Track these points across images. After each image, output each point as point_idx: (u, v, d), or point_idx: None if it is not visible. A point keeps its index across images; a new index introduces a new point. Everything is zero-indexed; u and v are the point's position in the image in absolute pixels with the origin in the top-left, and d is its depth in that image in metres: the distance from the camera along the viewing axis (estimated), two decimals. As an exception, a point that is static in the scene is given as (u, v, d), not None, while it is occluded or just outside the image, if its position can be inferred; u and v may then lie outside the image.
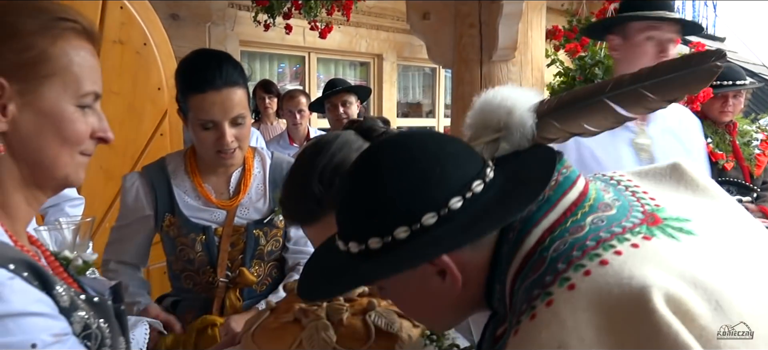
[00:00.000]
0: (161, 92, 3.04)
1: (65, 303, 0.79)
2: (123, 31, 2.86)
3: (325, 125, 4.79)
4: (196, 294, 1.75)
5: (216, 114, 1.58)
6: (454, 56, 2.77)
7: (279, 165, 1.82)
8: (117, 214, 1.81)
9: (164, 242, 1.78)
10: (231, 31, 5.13)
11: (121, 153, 2.90)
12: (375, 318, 0.98)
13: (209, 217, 1.72)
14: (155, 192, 1.72)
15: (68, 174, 0.88)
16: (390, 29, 6.37)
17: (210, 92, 1.57)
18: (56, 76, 0.84)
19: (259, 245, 1.75)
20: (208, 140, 1.62)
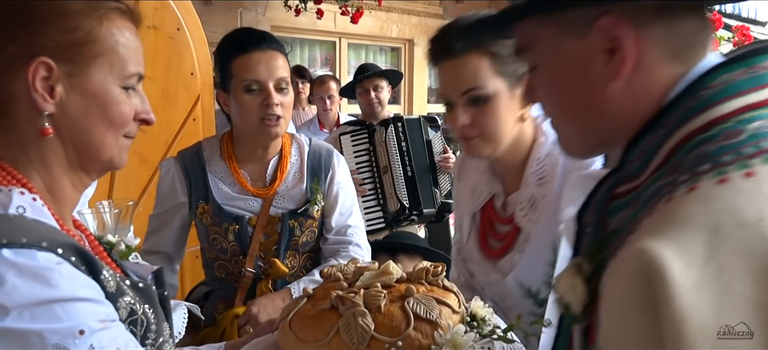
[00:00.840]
0: (194, 77, 3.05)
1: (112, 288, 0.79)
2: (157, 16, 2.87)
3: (356, 111, 4.78)
4: (228, 283, 1.73)
5: (261, 73, 1.58)
6: (488, 40, 2.72)
7: (318, 153, 1.78)
8: (150, 199, 1.81)
9: (198, 230, 1.76)
10: (262, 16, 5.14)
11: (155, 138, 2.92)
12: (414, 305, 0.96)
13: (244, 205, 1.69)
14: (190, 178, 1.71)
15: (113, 156, 0.87)
16: (421, 14, 6.31)
17: (254, 52, 1.58)
18: (103, 57, 0.83)
19: (294, 236, 1.71)
20: (252, 104, 1.59)
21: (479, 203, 1.45)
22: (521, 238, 1.33)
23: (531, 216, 1.30)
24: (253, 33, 1.64)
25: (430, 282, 1.05)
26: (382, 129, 3.26)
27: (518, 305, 1.34)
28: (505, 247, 1.35)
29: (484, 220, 1.44)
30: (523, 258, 1.30)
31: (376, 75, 3.43)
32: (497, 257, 1.37)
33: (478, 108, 1.28)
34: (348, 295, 0.96)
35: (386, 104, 3.48)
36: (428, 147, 3.36)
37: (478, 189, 1.46)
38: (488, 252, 1.40)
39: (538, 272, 1.28)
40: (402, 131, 3.27)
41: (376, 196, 3.26)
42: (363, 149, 3.30)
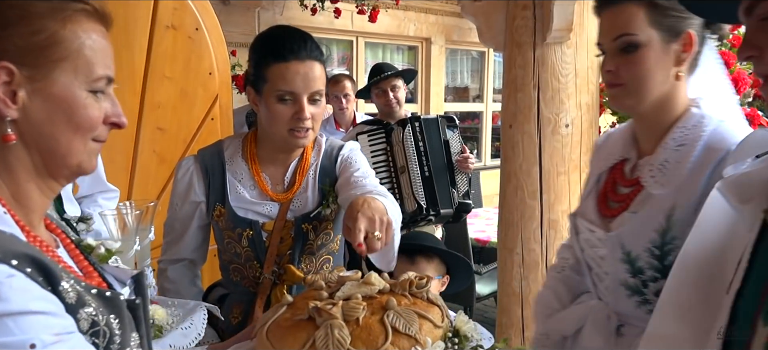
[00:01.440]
0: (212, 77, 3.06)
1: (71, 299, 0.76)
2: (175, 16, 2.89)
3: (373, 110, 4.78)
4: (244, 288, 1.69)
5: (297, 85, 1.52)
6: (506, 39, 2.70)
7: (329, 152, 1.72)
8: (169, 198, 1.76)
9: (214, 231, 1.73)
10: (280, 15, 5.16)
11: (174, 137, 2.95)
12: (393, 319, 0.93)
13: (260, 210, 1.64)
14: (209, 178, 1.66)
15: (81, 162, 0.85)
16: (439, 12, 6.29)
17: (294, 62, 1.51)
18: (67, 60, 0.81)
19: (308, 240, 1.67)
20: (284, 115, 1.54)
21: (608, 164, 1.44)
22: (638, 199, 1.32)
23: (659, 179, 1.28)
24: (293, 37, 1.54)
25: (413, 294, 1.02)
26: (399, 129, 3.25)
27: (613, 271, 1.34)
28: (624, 208, 1.35)
29: (609, 181, 1.43)
30: (634, 219, 1.29)
31: (393, 75, 3.42)
32: (611, 217, 1.37)
33: (627, 56, 1.26)
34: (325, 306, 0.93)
35: (403, 103, 3.47)
36: (446, 147, 3.35)
37: (611, 151, 1.46)
38: (604, 211, 1.40)
39: (643, 237, 1.27)
40: (419, 131, 3.26)
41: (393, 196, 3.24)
42: (380, 148, 3.29)
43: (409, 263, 2.07)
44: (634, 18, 1.25)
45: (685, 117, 1.30)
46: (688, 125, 1.29)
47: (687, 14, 1.24)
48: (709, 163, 1.22)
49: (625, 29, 1.25)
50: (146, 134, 2.84)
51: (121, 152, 2.69)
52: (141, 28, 2.79)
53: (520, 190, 2.67)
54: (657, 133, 1.33)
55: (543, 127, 2.62)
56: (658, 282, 1.26)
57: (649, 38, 1.25)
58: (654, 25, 1.25)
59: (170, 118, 2.92)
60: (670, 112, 1.31)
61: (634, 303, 1.33)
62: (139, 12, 2.78)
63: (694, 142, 1.26)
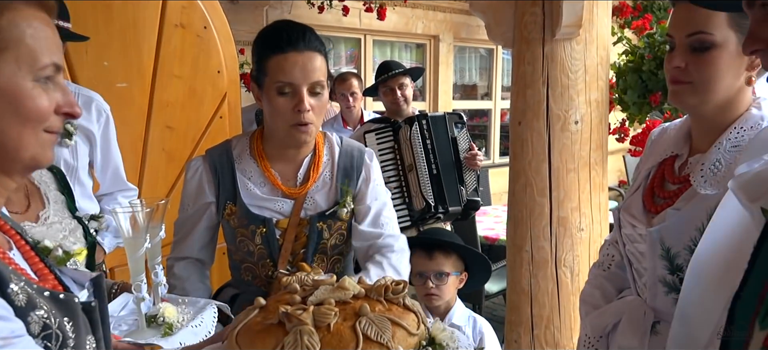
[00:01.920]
0: (221, 75, 3.07)
1: (21, 302, 0.74)
2: (184, 15, 2.89)
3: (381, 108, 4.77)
4: (256, 287, 1.67)
5: (296, 76, 1.50)
6: (515, 35, 2.69)
7: (349, 153, 1.72)
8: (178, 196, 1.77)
9: (225, 231, 1.71)
10: (288, 13, 5.16)
11: (182, 135, 2.96)
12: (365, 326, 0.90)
13: (273, 207, 1.63)
14: (218, 178, 1.65)
15: (35, 154, 0.81)
16: (447, 10, 6.28)
17: (291, 53, 1.50)
18: (8, 50, 0.77)
19: (322, 239, 1.66)
20: (284, 107, 1.53)
21: (659, 159, 1.41)
22: (684, 197, 1.29)
23: (709, 179, 1.24)
24: (292, 29, 1.53)
25: (389, 299, 0.99)
26: (406, 127, 3.24)
27: (652, 267, 1.33)
28: (669, 205, 1.32)
29: (657, 176, 1.41)
30: (676, 216, 1.27)
31: (400, 73, 3.41)
32: (655, 213, 1.35)
33: (698, 55, 1.21)
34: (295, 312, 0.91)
35: (411, 101, 3.47)
36: (454, 144, 3.34)
37: (664, 146, 1.42)
38: (650, 206, 1.37)
39: (684, 234, 1.25)
40: (427, 129, 3.25)
41: (401, 194, 3.25)
42: (388, 147, 3.29)
43: (427, 258, 2.07)
44: (713, 16, 1.19)
45: (743, 118, 1.26)
46: (746, 127, 1.24)
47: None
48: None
49: (703, 27, 1.20)
50: (155, 133, 2.85)
51: (131, 150, 2.71)
52: (149, 27, 2.80)
53: (529, 187, 2.66)
54: (714, 132, 1.29)
55: (552, 124, 2.61)
56: None
57: (726, 40, 1.19)
58: (733, 26, 1.19)
59: (179, 116, 2.93)
60: (731, 112, 1.27)
61: (672, 300, 1.30)
62: (148, 11, 2.79)
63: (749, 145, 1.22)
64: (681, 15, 1.25)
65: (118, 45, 2.70)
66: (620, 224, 1.44)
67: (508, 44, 2.78)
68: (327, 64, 1.59)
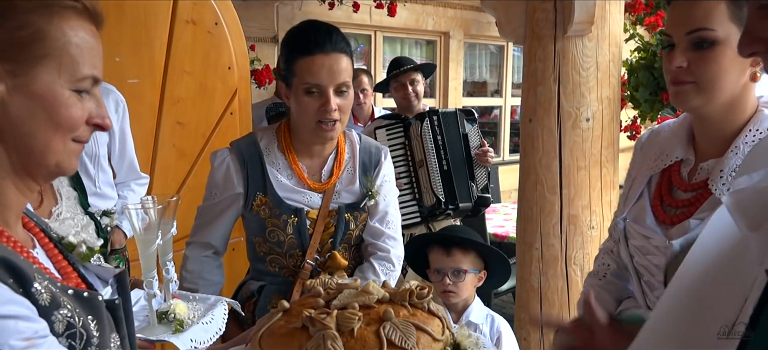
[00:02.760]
0: (231, 72, 3.08)
1: (45, 301, 0.74)
2: (195, 11, 2.90)
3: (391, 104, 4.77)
4: (283, 277, 1.72)
5: (323, 78, 1.56)
6: (526, 31, 2.67)
7: (368, 149, 1.81)
8: (188, 192, 1.80)
9: (250, 222, 1.74)
10: (299, 10, 5.17)
11: (193, 131, 2.97)
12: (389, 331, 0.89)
13: (302, 199, 1.69)
14: (247, 169, 1.69)
15: (60, 161, 0.82)
16: (457, 6, 6.26)
17: (318, 55, 1.56)
18: (51, 57, 0.78)
19: (349, 229, 1.73)
20: (311, 107, 1.59)
21: (662, 166, 1.35)
22: (706, 205, 1.22)
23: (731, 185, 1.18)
24: (319, 31, 1.59)
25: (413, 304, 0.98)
26: (417, 123, 3.24)
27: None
28: (685, 215, 1.26)
29: (662, 183, 1.34)
30: (701, 226, 1.19)
31: (412, 69, 3.40)
32: (671, 224, 1.28)
33: (700, 53, 1.16)
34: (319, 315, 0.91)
35: (422, 97, 3.46)
36: (464, 140, 3.33)
37: (665, 153, 1.36)
38: (662, 216, 1.31)
39: None
40: (438, 125, 3.25)
41: (411, 190, 3.24)
42: (398, 142, 3.29)
43: (445, 255, 2.07)
44: (713, 10, 1.14)
45: (757, 119, 1.21)
46: (762, 128, 1.19)
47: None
48: None
49: (703, 23, 1.15)
50: (166, 129, 2.87)
51: (142, 146, 2.72)
52: (161, 24, 2.81)
53: (539, 184, 2.65)
54: (722, 135, 1.23)
55: (563, 121, 2.59)
56: None
57: (728, 34, 1.14)
58: (735, 20, 1.14)
59: (190, 112, 2.94)
60: (739, 113, 1.22)
61: None
62: (160, 8, 2.80)
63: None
64: (679, 12, 1.20)
65: (129, 41, 2.71)
66: (626, 235, 1.37)
67: (519, 41, 2.76)
68: (352, 64, 1.65)
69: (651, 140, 1.44)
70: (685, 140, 1.32)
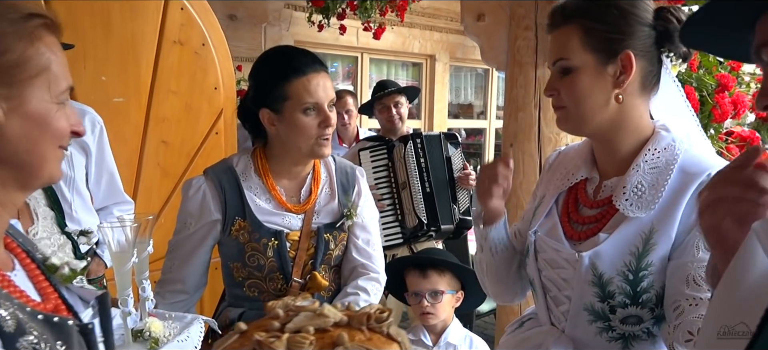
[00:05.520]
0: (217, 92, 3.10)
1: (10, 327, 0.74)
2: (182, 32, 2.93)
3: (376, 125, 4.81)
4: (262, 302, 1.69)
5: (320, 95, 1.60)
6: (508, 58, 2.73)
7: (344, 169, 1.83)
8: (172, 211, 1.78)
9: (227, 248, 1.71)
10: (286, 31, 5.21)
11: (178, 151, 2.98)
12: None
13: (281, 221, 1.69)
14: (225, 195, 1.67)
15: (52, 171, 0.86)
16: (443, 30, 6.34)
17: (312, 74, 1.60)
18: (39, 77, 0.82)
19: (329, 249, 1.74)
20: (311, 125, 1.61)
21: (569, 184, 1.41)
22: (613, 221, 1.28)
23: (634, 202, 1.25)
24: (303, 53, 1.65)
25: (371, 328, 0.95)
26: (401, 145, 3.27)
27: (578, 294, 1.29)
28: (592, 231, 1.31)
29: (569, 201, 1.40)
30: (610, 239, 1.25)
31: (396, 92, 3.45)
32: (578, 239, 1.33)
33: (564, 80, 1.26)
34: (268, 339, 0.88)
35: (406, 119, 3.50)
36: (448, 163, 3.37)
37: (571, 172, 1.42)
38: (569, 232, 1.36)
39: (618, 259, 1.24)
40: (421, 147, 3.28)
41: (394, 211, 3.27)
42: (382, 164, 3.32)
43: (421, 277, 2.09)
44: (569, 42, 1.25)
45: (654, 139, 1.28)
46: (659, 148, 1.27)
47: (625, 34, 1.23)
48: (687, 187, 1.21)
49: (561, 54, 1.25)
50: (151, 148, 2.88)
51: (126, 164, 2.73)
52: (148, 43, 2.83)
53: (520, 208, 2.69)
54: (619, 155, 1.31)
55: (544, 146, 2.64)
56: (627, 309, 1.23)
57: (583, 62, 1.23)
58: (588, 48, 1.23)
59: (175, 132, 2.96)
60: (630, 134, 1.29)
61: (595, 330, 1.29)
62: (147, 27, 2.83)
63: (668, 165, 1.24)
64: (550, 46, 1.31)
65: (116, 60, 2.73)
66: (537, 249, 1.40)
67: (501, 67, 2.82)
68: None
69: (559, 160, 1.51)
70: (588, 161, 1.39)
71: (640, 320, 1.25)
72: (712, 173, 1.17)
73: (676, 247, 1.20)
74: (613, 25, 1.23)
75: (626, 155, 1.30)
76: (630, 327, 1.26)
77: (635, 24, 1.24)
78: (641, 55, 1.23)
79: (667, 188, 1.22)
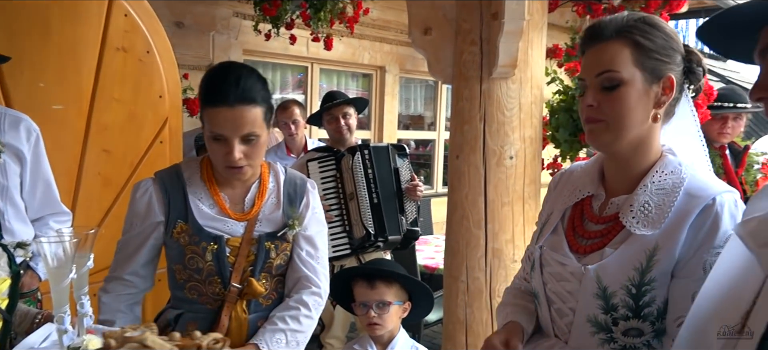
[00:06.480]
0: (163, 100, 3.05)
1: None
2: (126, 39, 2.87)
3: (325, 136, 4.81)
4: (200, 305, 1.73)
5: (226, 129, 1.58)
6: (454, 72, 2.78)
7: (293, 181, 1.86)
8: (113, 221, 1.78)
9: (171, 250, 1.75)
10: (235, 39, 5.16)
11: (120, 160, 2.91)
12: None
13: (222, 227, 1.72)
14: (169, 197, 1.72)
15: None
16: (393, 42, 6.40)
17: (222, 108, 1.57)
18: None
19: (269, 258, 1.76)
20: (217, 152, 1.63)
21: (575, 200, 1.45)
22: (619, 237, 1.33)
23: (641, 220, 1.29)
24: (228, 78, 1.60)
25: None
26: (349, 156, 3.29)
27: (582, 306, 1.33)
28: (597, 245, 1.35)
29: (574, 217, 1.44)
30: (615, 254, 1.30)
31: (344, 103, 3.46)
32: (583, 253, 1.37)
33: (608, 93, 1.29)
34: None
35: (354, 130, 3.52)
36: (395, 175, 3.40)
37: (578, 188, 1.46)
38: (575, 246, 1.40)
39: (622, 274, 1.28)
40: (369, 158, 3.31)
41: (341, 222, 3.28)
42: (330, 175, 3.32)
43: (369, 288, 2.09)
44: (619, 56, 1.28)
45: (661, 162, 1.33)
46: (666, 171, 1.32)
47: (669, 59, 1.29)
48: (691, 210, 1.25)
49: (609, 66, 1.28)
50: (92, 157, 2.80)
51: (65, 174, 2.64)
52: (90, 50, 2.76)
53: (465, 219, 2.74)
54: (630, 174, 1.36)
55: (488, 158, 2.70)
56: (628, 321, 1.28)
57: (632, 77, 1.27)
58: (638, 65, 1.28)
59: (117, 140, 2.88)
60: (645, 155, 1.34)
61: (597, 342, 1.33)
62: (89, 33, 2.76)
63: (675, 187, 1.29)
64: (590, 59, 1.33)
65: (55, 66, 2.65)
66: (542, 263, 1.45)
67: (447, 81, 2.87)
68: (267, 110, 1.66)
69: (564, 179, 1.55)
70: (596, 178, 1.44)
71: (640, 333, 1.29)
72: (716, 198, 1.24)
73: (680, 266, 1.25)
74: (662, 48, 1.29)
75: (637, 174, 1.35)
76: (631, 339, 1.29)
77: (676, 53, 1.31)
78: (676, 82, 1.30)
79: (674, 209, 1.28)
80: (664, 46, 1.29)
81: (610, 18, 1.33)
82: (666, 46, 1.29)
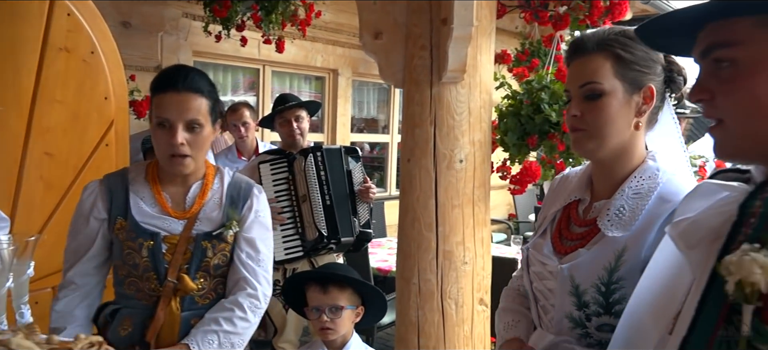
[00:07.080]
0: (108, 102, 2.97)
1: None
2: (69, 39, 2.78)
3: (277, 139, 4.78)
4: (136, 301, 1.78)
5: (171, 113, 1.67)
6: (405, 76, 2.81)
7: (238, 184, 1.89)
8: (56, 226, 1.78)
9: (114, 247, 1.81)
10: (184, 40, 5.07)
11: (63, 163, 2.82)
12: None
13: (161, 225, 1.77)
14: (112, 196, 1.79)
15: None
16: (346, 45, 6.41)
17: (170, 92, 1.68)
18: None
19: (206, 257, 1.79)
20: (161, 139, 1.70)
21: (563, 203, 1.53)
22: (595, 239, 1.40)
23: (614, 223, 1.36)
24: (177, 71, 1.73)
25: None
26: (301, 158, 3.28)
27: (560, 303, 1.41)
28: (577, 246, 1.42)
29: (562, 219, 1.51)
30: (587, 254, 1.37)
31: (297, 106, 3.45)
32: (565, 253, 1.44)
33: (591, 103, 1.36)
34: None
35: (307, 133, 3.51)
36: (348, 177, 3.41)
37: (565, 192, 1.54)
38: (559, 248, 1.47)
39: (593, 272, 1.34)
40: (321, 161, 3.31)
41: (294, 224, 3.27)
42: (282, 177, 3.31)
43: (322, 292, 2.09)
44: (600, 68, 1.36)
45: (641, 168, 1.41)
46: (644, 176, 1.39)
47: (649, 70, 1.37)
48: (661, 213, 1.32)
49: (592, 78, 1.36)
50: (33, 160, 2.70)
51: (3, 178, 2.55)
52: (31, 50, 2.67)
53: (416, 222, 2.76)
54: (613, 179, 1.43)
55: (439, 162, 2.73)
56: (600, 317, 1.35)
57: (613, 88, 1.35)
58: (618, 76, 1.35)
59: (60, 143, 2.79)
60: (628, 161, 1.41)
61: (576, 336, 1.41)
62: (29, 32, 2.66)
63: (648, 192, 1.36)
64: (574, 71, 1.42)
65: (-7, 66, 2.55)
66: (529, 263, 1.54)
67: (398, 85, 2.89)
68: (212, 106, 1.75)
69: (561, 183, 1.64)
70: (584, 183, 1.52)
71: (613, 328, 1.33)
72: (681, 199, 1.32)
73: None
74: (642, 60, 1.36)
75: (619, 179, 1.42)
76: (605, 334, 1.35)
77: (656, 64, 1.38)
78: (656, 91, 1.37)
79: (644, 213, 1.35)
80: (644, 58, 1.37)
81: (592, 32, 1.42)
82: (646, 58, 1.37)
